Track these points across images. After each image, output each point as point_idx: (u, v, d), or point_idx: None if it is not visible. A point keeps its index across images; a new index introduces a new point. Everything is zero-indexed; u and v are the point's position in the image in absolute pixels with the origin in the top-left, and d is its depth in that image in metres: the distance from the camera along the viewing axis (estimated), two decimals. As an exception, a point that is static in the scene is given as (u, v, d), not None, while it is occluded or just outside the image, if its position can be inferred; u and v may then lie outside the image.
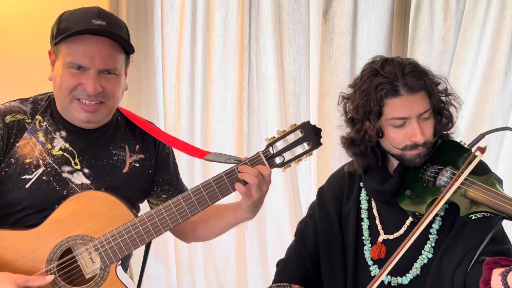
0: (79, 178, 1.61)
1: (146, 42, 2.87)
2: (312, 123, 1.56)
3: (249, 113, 2.90)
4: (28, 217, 1.58)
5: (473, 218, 1.43)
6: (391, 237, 1.61)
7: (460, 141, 1.58)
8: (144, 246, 1.68)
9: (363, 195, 1.69)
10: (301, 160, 1.57)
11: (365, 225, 1.66)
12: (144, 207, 1.75)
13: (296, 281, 1.70)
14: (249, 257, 2.99)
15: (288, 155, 1.56)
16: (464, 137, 1.65)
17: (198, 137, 2.93)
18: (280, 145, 1.55)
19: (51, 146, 1.61)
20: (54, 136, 1.62)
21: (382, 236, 1.63)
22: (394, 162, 1.63)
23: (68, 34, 1.51)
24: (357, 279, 1.65)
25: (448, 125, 1.62)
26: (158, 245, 2.95)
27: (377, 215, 1.65)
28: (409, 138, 1.53)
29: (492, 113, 2.83)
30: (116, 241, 1.54)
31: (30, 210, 1.57)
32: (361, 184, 1.70)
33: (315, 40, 2.91)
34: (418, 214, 1.52)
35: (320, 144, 1.56)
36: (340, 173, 1.78)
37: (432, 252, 1.56)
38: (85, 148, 1.63)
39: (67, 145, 1.62)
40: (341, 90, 1.68)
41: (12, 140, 1.58)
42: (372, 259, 1.63)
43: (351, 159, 1.70)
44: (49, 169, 1.59)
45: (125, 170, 1.68)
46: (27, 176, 1.57)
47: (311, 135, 1.54)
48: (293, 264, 1.74)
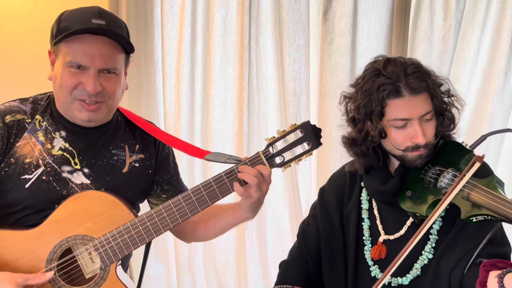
0: (79, 178, 1.61)
1: (146, 42, 2.87)
2: (312, 123, 1.55)
3: (249, 113, 2.90)
4: (28, 217, 1.58)
5: (474, 221, 1.43)
6: (392, 238, 1.61)
7: (462, 142, 1.57)
8: (144, 246, 1.67)
9: (364, 195, 1.68)
10: (301, 160, 1.56)
11: (366, 225, 1.66)
12: (144, 207, 1.75)
13: (299, 283, 1.69)
14: (249, 257, 2.99)
15: (288, 155, 1.55)
16: (464, 137, 1.65)
17: (198, 137, 2.93)
18: (280, 145, 1.55)
19: (51, 146, 1.61)
20: (54, 136, 1.62)
21: (383, 237, 1.62)
22: (395, 162, 1.62)
23: (68, 33, 1.51)
24: (358, 279, 1.65)
25: (450, 127, 1.61)
26: (158, 245, 2.95)
27: (378, 215, 1.65)
28: (411, 139, 1.52)
29: (492, 113, 2.83)
30: (116, 241, 1.53)
31: (30, 210, 1.57)
32: (362, 184, 1.69)
33: (315, 40, 2.91)
34: (419, 215, 1.51)
35: (320, 144, 1.55)
36: (341, 173, 1.77)
37: (433, 253, 1.55)
38: (85, 148, 1.63)
39: (67, 145, 1.62)
40: (341, 90, 1.67)
41: (12, 140, 1.58)
42: (373, 260, 1.62)
43: (352, 159, 1.70)
44: (49, 169, 1.58)
45: (125, 170, 1.68)
46: (27, 176, 1.57)
47: (311, 135, 1.54)
48: (296, 266, 1.74)
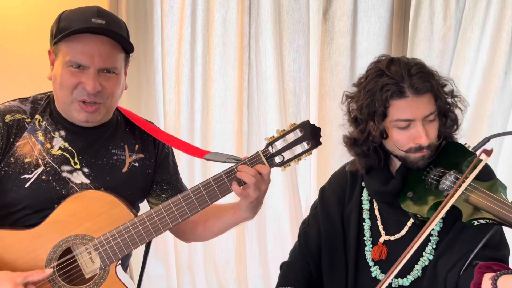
0: (79, 178, 1.61)
1: (146, 42, 2.87)
2: (312, 123, 1.55)
3: (249, 113, 2.90)
4: (28, 217, 1.58)
5: (476, 225, 1.41)
6: (392, 238, 1.61)
7: (465, 144, 1.56)
8: (144, 246, 1.68)
9: (365, 195, 1.68)
10: (301, 160, 1.56)
11: (367, 226, 1.65)
12: (144, 207, 1.75)
13: (300, 284, 1.69)
14: (249, 257, 2.99)
15: (288, 155, 1.55)
16: (464, 137, 1.64)
17: (198, 137, 2.93)
18: (280, 145, 1.54)
19: (51, 146, 1.61)
20: (54, 136, 1.62)
21: (384, 237, 1.62)
22: (397, 163, 1.61)
23: (68, 33, 1.51)
24: (358, 280, 1.64)
25: (453, 127, 1.60)
26: (158, 245, 2.95)
27: (379, 216, 1.64)
28: (414, 140, 1.51)
29: (492, 113, 2.83)
30: (116, 241, 1.53)
31: (30, 210, 1.57)
32: (363, 184, 1.68)
33: (315, 40, 2.91)
34: (420, 216, 1.50)
35: (320, 144, 1.55)
36: (342, 173, 1.76)
37: (433, 254, 1.55)
38: (85, 148, 1.63)
39: (67, 145, 1.62)
40: (341, 90, 1.66)
41: (12, 140, 1.58)
42: (373, 260, 1.62)
43: (353, 158, 1.69)
44: (49, 169, 1.58)
45: (125, 170, 1.67)
46: (27, 176, 1.57)
47: (311, 135, 1.54)
48: (297, 267, 1.73)
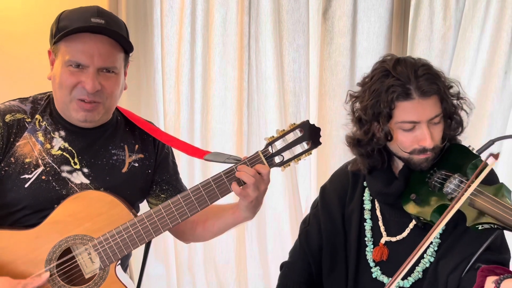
0: (79, 178, 1.61)
1: (146, 42, 2.87)
2: (312, 123, 1.55)
3: (249, 113, 2.89)
4: (28, 217, 1.58)
5: (480, 229, 1.40)
6: (394, 240, 1.60)
7: (469, 146, 1.55)
8: (144, 246, 1.68)
9: (367, 195, 1.67)
10: (300, 160, 1.56)
11: (368, 226, 1.65)
12: (144, 207, 1.75)
13: (301, 285, 1.69)
14: (249, 257, 2.98)
15: (287, 154, 1.55)
16: (463, 136, 1.64)
17: (198, 137, 2.93)
18: (280, 145, 1.54)
19: (50, 146, 1.60)
20: (53, 136, 1.61)
21: (385, 238, 1.61)
22: (399, 163, 1.60)
23: (67, 32, 1.51)
24: (358, 280, 1.63)
25: (458, 130, 1.59)
26: (158, 245, 2.94)
27: (380, 216, 1.64)
28: (418, 142, 1.50)
29: (492, 113, 2.82)
30: (116, 241, 1.53)
31: (29, 210, 1.57)
32: (365, 184, 1.67)
33: (315, 40, 2.90)
34: (423, 219, 1.49)
35: (319, 144, 1.55)
36: (344, 172, 1.75)
37: (435, 256, 1.54)
38: (85, 148, 1.63)
39: (66, 145, 1.62)
40: (341, 90, 1.67)
41: (12, 139, 1.58)
42: (374, 261, 1.61)
43: (354, 157, 1.68)
44: (49, 169, 1.58)
45: (125, 170, 1.67)
46: (27, 176, 1.57)
47: (310, 134, 1.54)
48: (298, 267, 1.73)
